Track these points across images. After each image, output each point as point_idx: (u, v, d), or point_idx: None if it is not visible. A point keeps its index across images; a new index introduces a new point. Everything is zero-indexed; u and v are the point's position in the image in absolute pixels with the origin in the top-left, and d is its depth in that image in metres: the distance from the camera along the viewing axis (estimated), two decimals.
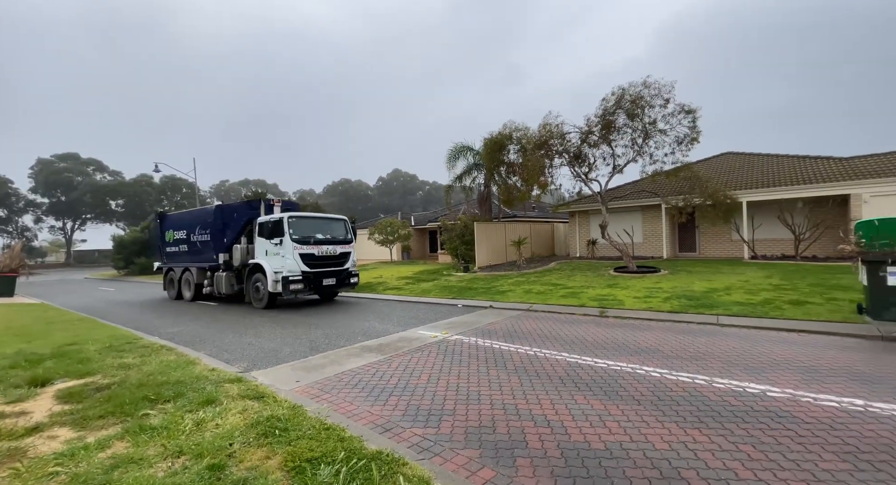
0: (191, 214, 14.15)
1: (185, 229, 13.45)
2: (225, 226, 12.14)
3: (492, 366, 5.16)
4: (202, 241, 12.76)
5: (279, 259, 10.58)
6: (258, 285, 11.08)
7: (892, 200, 12.80)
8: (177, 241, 13.85)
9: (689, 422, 3.41)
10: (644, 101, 13.65)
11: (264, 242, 10.99)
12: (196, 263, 13.12)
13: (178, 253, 13.89)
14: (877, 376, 4.33)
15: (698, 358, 5.17)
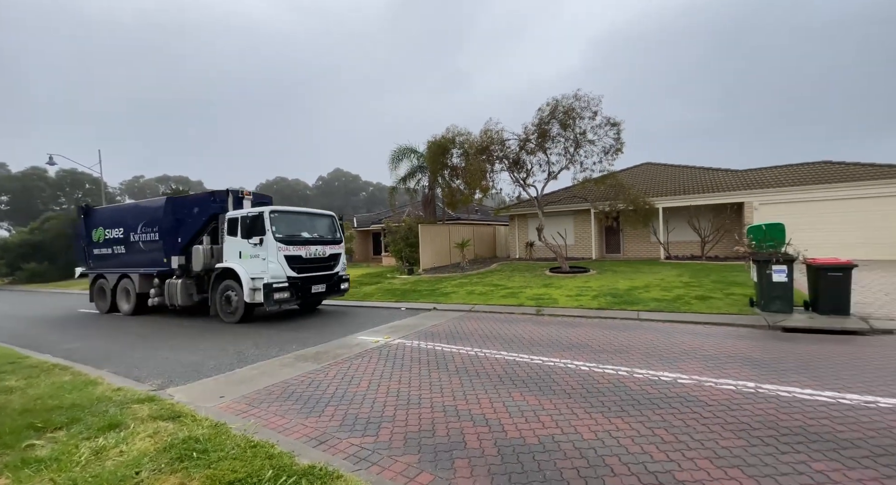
0: (131, 208, 11.80)
1: (121, 227, 11.14)
2: (179, 223, 10.09)
3: (433, 368, 5.16)
4: (147, 241, 10.59)
5: (258, 262, 8.73)
6: (229, 295, 9.13)
7: (778, 208, 14.97)
8: (110, 241, 11.44)
9: (613, 411, 3.68)
10: (575, 112, 14.60)
11: (238, 242, 9.05)
12: (138, 268, 10.78)
13: (111, 256, 11.48)
14: (765, 361, 5.00)
15: (622, 351, 5.61)
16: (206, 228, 10.01)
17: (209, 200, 9.94)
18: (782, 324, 6.45)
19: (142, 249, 10.75)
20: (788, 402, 3.73)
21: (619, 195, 16.42)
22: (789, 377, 4.33)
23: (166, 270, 10.22)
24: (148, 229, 10.60)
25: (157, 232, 10.37)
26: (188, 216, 10.10)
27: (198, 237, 10.03)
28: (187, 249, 10.01)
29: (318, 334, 7.59)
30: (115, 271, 11.41)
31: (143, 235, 10.73)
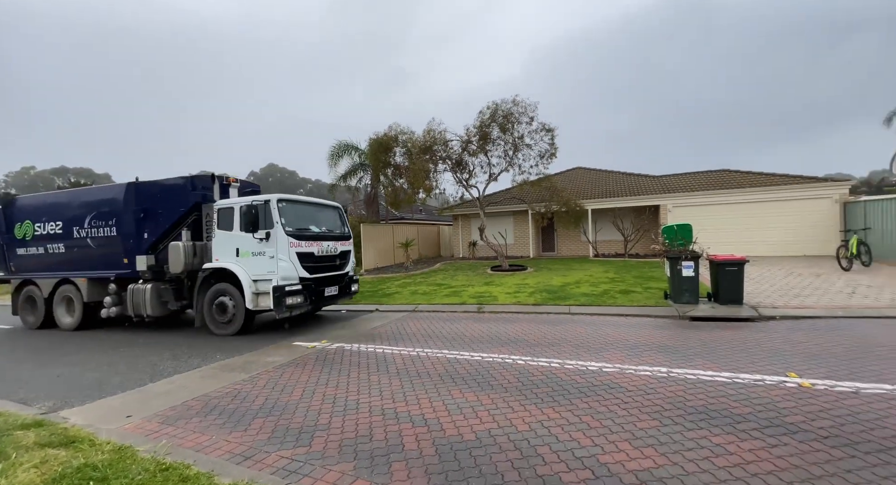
0: (73, 197, 9.32)
1: (58, 220, 9.04)
2: (146, 215, 8.26)
3: (373, 371, 5.04)
4: (99, 237, 8.63)
5: (264, 261, 7.23)
6: (223, 301, 7.51)
7: (689, 210, 16.76)
8: (42, 238, 9.22)
9: (546, 402, 3.86)
10: (514, 117, 15.16)
11: (234, 237, 7.47)
12: (86, 271, 8.81)
13: (44, 257, 9.27)
14: (676, 347, 5.56)
15: (555, 344, 5.92)
16: (184, 220, 8.26)
17: (187, 188, 8.16)
18: (690, 314, 7.23)
19: (91, 247, 8.72)
20: (694, 384, 4.17)
21: (553, 197, 17.35)
22: (695, 361, 4.85)
23: (127, 273, 8.38)
24: (100, 223, 8.60)
25: (115, 226, 8.45)
26: (159, 206, 8.25)
27: (172, 232, 8.29)
28: (157, 246, 8.32)
29: (249, 341, 7.06)
30: (50, 276, 9.13)
31: (92, 229, 8.65)
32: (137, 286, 8.24)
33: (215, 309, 7.61)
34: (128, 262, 8.36)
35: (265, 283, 7.18)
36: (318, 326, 8.02)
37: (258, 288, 7.23)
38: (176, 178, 8.37)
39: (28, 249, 9.47)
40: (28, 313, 9.60)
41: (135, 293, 8.21)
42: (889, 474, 2.47)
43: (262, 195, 7.74)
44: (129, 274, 8.39)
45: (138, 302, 8.16)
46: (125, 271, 8.42)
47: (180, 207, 8.20)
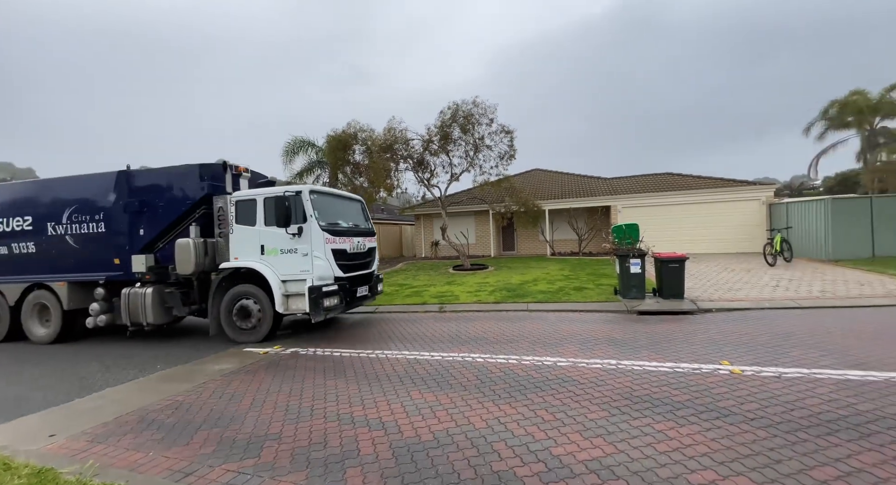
0: (47, 187, 7.97)
1: (27, 215, 7.78)
2: (143, 207, 7.25)
3: (330, 376, 4.90)
4: (82, 234, 7.50)
5: (295, 259, 6.56)
6: (246, 304, 6.75)
7: (637, 210, 17.77)
8: (4, 235, 7.91)
9: (503, 398, 3.93)
10: (474, 118, 15.34)
11: (258, 232, 6.73)
12: (65, 274, 7.60)
13: (6, 258, 7.92)
14: (624, 340, 5.87)
15: (513, 341, 6.05)
16: (191, 214, 7.23)
17: (195, 177, 7.18)
18: (637, 308, 7.66)
19: (71, 246, 7.57)
20: (640, 374, 4.42)
21: (513, 198, 17.76)
22: (641, 353, 5.14)
23: (119, 275, 7.35)
24: (82, 218, 7.49)
25: (103, 222, 7.39)
26: (159, 198, 7.27)
27: (175, 228, 7.29)
28: (155, 244, 7.33)
29: (194, 349, 6.63)
30: (17, 280, 7.85)
31: (73, 226, 7.52)
32: (135, 290, 7.16)
33: (236, 314, 6.81)
34: (120, 262, 7.31)
35: (297, 283, 6.53)
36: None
37: (288, 289, 6.57)
38: (181, 165, 7.36)
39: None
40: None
41: (132, 299, 7.11)
42: (805, 451, 2.74)
43: (291, 186, 7.05)
44: (121, 276, 7.33)
45: (136, 308, 7.08)
46: (116, 273, 7.34)
47: (187, 199, 7.18)
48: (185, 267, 6.89)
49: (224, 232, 7.07)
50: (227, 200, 7.08)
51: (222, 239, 7.09)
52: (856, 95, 21.22)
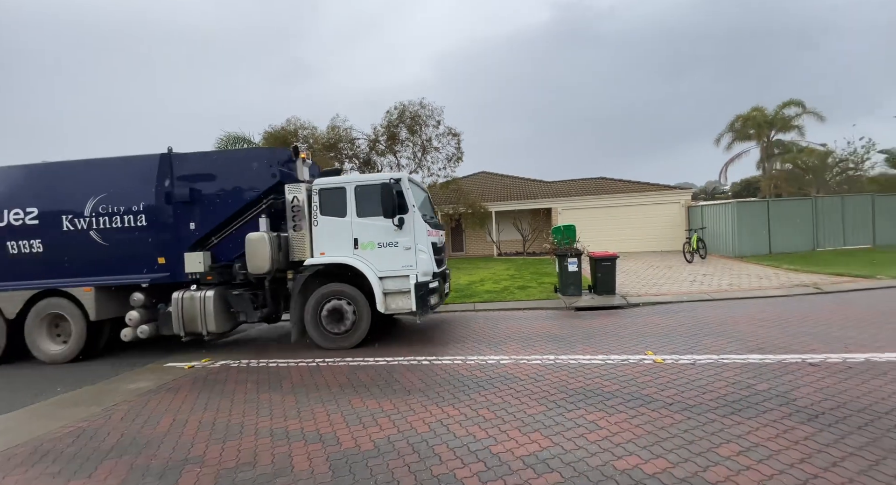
0: (55, 172, 6.59)
1: (31, 207, 6.31)
2: (195, 197, 6.22)
3: (264, 389, 4.60)
4: (114, 229, 6.23)
5: (396, 254, 5.97)
6: (340, 305, 6.03)
7: (574, 212, 18.80)
8: (1, 231, 6.35)
9: (447, 400, 3.93)
10: (421, 119, 15.37)
11: (353, 224, 6.04)
12: (92, 277, 6.26)
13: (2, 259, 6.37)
14: (562, 336, 6.15)
15: (459, 341, 6.10)
16: (256, 205, 6.35)
17: (265, 162, 6.34)
18: (575, 305, 8.09)
19: (97, 243, 6.27)
20: (576, 368, 4.65)
21: (460, 199, 18.00)
22: (577, 347, 5.42)
23: (164, 277, 6.29)
24: (114, 209, 6.24)
25: (143, 213, 6.23)
26: (216, 187, 6.30)
27: (234, 221, 6.37)
28: (208, 240, 6.37)
29: (108, 365, 5.91)
30: (17, 287, 6.34)
31: (100, 218, 6.23)
32: (191, 294, 6.13)
33: (326, 316, 6.07)
34: (165, 262, 6.27)
35: (397, 280, 5.96)
36: (198, 342, 7.04)
37: (386, 286, 5.98)
38: (243, 150, 6.42)
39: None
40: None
41: (187, 304, 6.08)
42: (713, 431, 3.03)
43: (386, 173, 6.34)
44: (166, 279, 6.30)
45: (194, 315, 6.06)
46: (161, 275, 6.29)
47: (253, 188, 6.28)
48: (259, 265, 5.97)
49: (298, 224, 6.20)
50: (303, 188, 6.23)
51: (296, 232, 6.21)
52: (755, 111, 24.20)
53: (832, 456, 2.59)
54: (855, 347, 4.70)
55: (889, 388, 3.55)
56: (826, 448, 2.68)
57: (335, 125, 14.81)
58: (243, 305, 6.26)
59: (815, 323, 5.82)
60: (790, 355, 4.54)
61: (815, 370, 4.07)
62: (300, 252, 6.19)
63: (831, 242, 14.30)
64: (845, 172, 26.81)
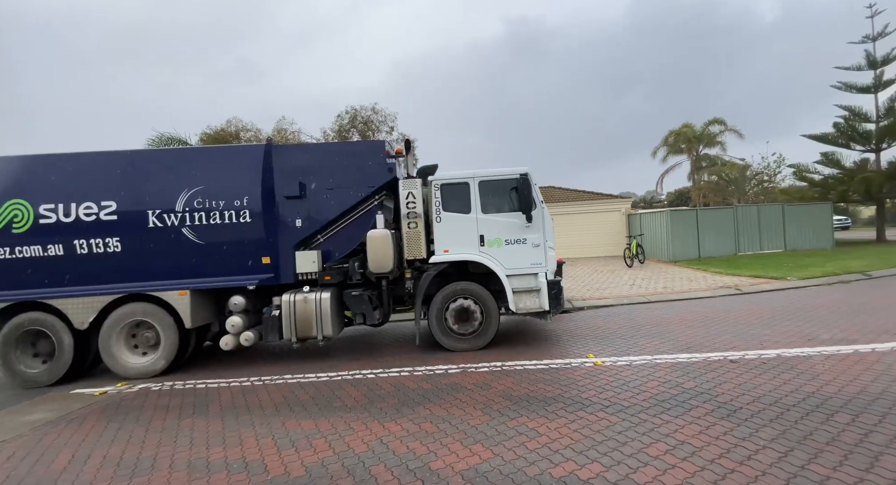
0: (141, 159, 6.07)
1: (107, 200, 5.52)
2: (303, 192, 5.75)
3: (187, 414, 4.17)
4: (213, 226, 5.60)
5: (524, 251, 5.73)
6: (467, 305, 5.72)
7: None
8: (62, 229, 5.47)
9: (389, 416, 3.77)
10: (374, 125, 15.15)
11: (479, 221, 5.78)
12: (182, 279, 5.59)
13: (68, 261, 5.48)
14: (512, 342, 6.19)
15: (407, 351, 5.94)
16: (368, 202, 5.93)
17: (381, 156, 5.92)
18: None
19: (191, 241, 5.57)
20: (521, 374, 4.69)
21: None
22: (525, 354, 5.48)
23: (269, 278, 5.71)
24: (212, 204, 5.59)
25: (247, 208, 5.63)
26: (327, 181, 5.82)
27: (344, 218, 5.89)
28: (314, 238, 5.84)
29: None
30: (91, 292, 5.47)
31: (194, 213, 5.56)
32: (304, 295, 5.58)
33: (452, 316, 5.77)
34: (270, 262, 5.70)
35: (526, 278, 5.74)
36: None
37: (514, 285, 5.72)
38: (354, 142, 6.05)
39: (16, 248, 5.41)
40: (22, 362, 5.49)
41: (300, 306, 5.54)
42: (645, 431, 3.14)
43: (507, 168, 5.95)
44: (271, 280, 5.72)
45: (309, 319, 5.53)
46: (266, 276, 5.71)
47: (367, 183, 5.86)
48: (382, 264, 5.64)
49: (413, 221, 5.87)
50: (418, 184, 5.94)
51: (410, 230, 5.89)
52: (686, 128, 26.47)
53: (747, 450, 2.76)
54: (769, 343, 5.15)
55: (796, 381, 3.90)
56: (742, 442, 2.86)
57: (282, 128, 14.22)
58: (363, 306, 5.80)
59: (736, 322, 6.34)
60: (714, 353, 4.87)
61: (735, 367, 4.40)
62: (414, 250, 5.89)
63: (750, 247, 15.82)
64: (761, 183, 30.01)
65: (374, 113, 15.29)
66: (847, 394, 3.53)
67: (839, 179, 18.75)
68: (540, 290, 5.71)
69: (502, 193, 5.90)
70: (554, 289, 5.77)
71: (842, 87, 18.76)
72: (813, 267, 11.00)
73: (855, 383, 3.76)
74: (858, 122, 18.50)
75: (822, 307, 6.98)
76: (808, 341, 5.11)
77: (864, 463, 2.52)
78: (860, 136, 18.49)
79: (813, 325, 5.85)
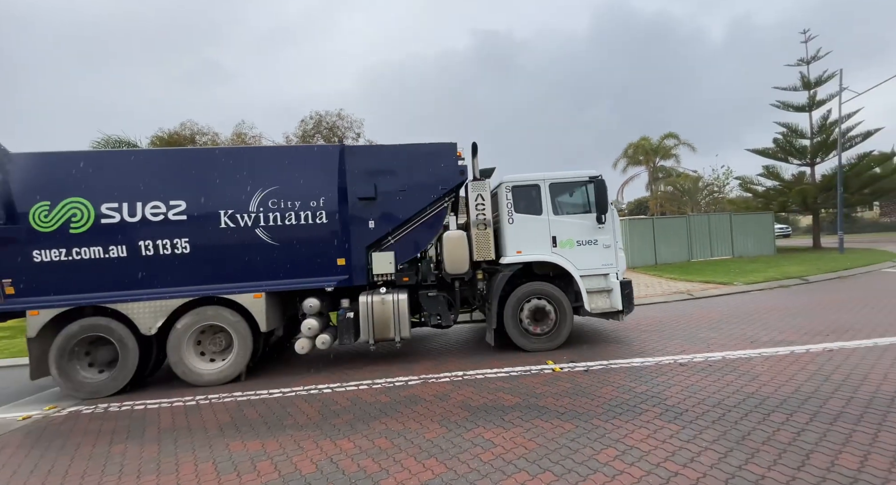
0: (214, 157, 5.89)
1: (176, 200, 5.30)
2: (376, 194, 5.70)
3: (120, 439, 3.84)
4: (289, 227, 5.47)
5: (596, 252, 5.88)
6: (541, 305, 5.80)
7: None
8: (126, 229, 5.19)
9: (343, 432, 3.63)
10: (340, 130, 14.91)
11: (551, 222, 5.90)
12: (256, 282, 5.43)
13: (133, 262, 5.21)
14: (475, 350, 6.16)
15: (366, 366, 5.78)
16: (439, 203, 5.89)
17: (453, 158, 5.85)
18: None
19: (265, 242, 5.44)
20: (481, 382, 4.66)
21: None
22: (486, 361, 5.44)
23: (344, 279, 5.65)
24: (288, 204, 5.49)
25: (323, 209, 5.56)
26: (399, 183, 5.76)
27: (413, 220, 5.82)
28: (384, 240, 5.79)
29: None
30: (159, 295, 5.26)
31: (269, 214, 5.45)
32: (381, 297, 5.57)
33: (528, 317, 5.80)
34: (345, 263, 5.61)
35: (597, 279, 5.88)
36: (45, 386, 5.74)
37: (598, 284, 5.87)
38: (431, 143, 5.90)
39: (74, 249, 5.10)
40: (78, 370, 5.21)
41: (378, 308, 5.53)
42: (597, 437, 3.18)
43: (578, 171, 6.06)
44: (345, 282, 5.63)
45: (387, 320, 5.53)
46: (342, 278, 5.63)
47: (439, 185, 5.82)
48: (459, 266, 5.76)
49: (481, 223, 5.89)
50: (486, 185, 5.99)
51: (479, 231, 5.90)
52: (643, 141, 27.86)
53: (691, 452, 2.84)
54: (715, 346, 5.41)
55: (738, 383, 4.09)
56: (686, 444, 2.95)
57: (241, 132, 13.69)
58: (439, 307, 5.88)
59: (686, 326, 6.63)
60: (665, 357, 5.06)
61: (684, 370, 4.57)
62: (483, 252, 5.89)
63: (702, 254, 16.74)
64: (712, 194, 31.98)
65: (339, 119, 15.09)
66: (783, 394, 3.74)
67: (779, 191, 20.27)
68: (612, 290, 5.83)
69: (572, 195, 6.17)
70: (626, 289, 5.84)
71: (780, 106, 20.39)
72: (756, 273, 11.76)
73: (790, 383, 4.00)
74: (795, 138, 20.14)
75: (764, 311, 7.44)
76: (751, 344, 5.40)
77: (796, 461, 2.66)
78: (797, 151, 20.12)
79: (755, 328, 6.20)
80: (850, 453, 2.71)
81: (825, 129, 19.18)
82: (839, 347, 4.99)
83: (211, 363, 5.46)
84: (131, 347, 5.17)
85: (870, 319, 6.25)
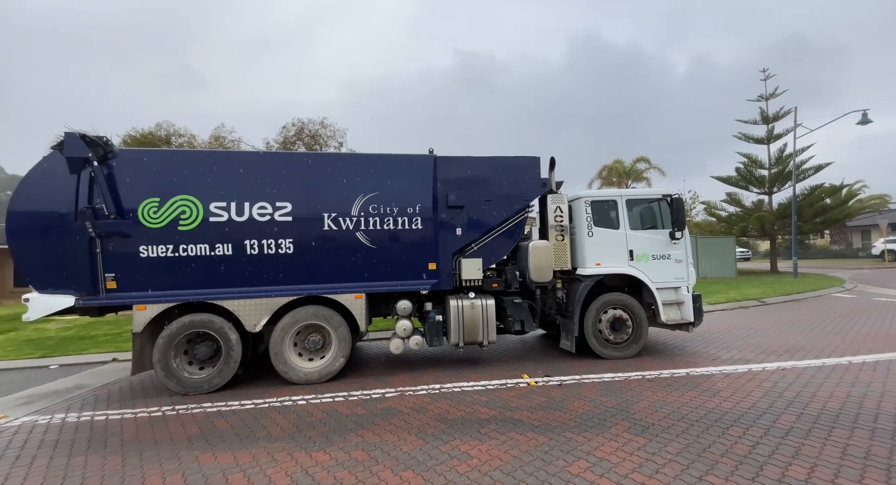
0: (311, 164, 5.84)
1: (282, 202, 5.42)
2: (464, 203, 5.88)
3: (80, 451, 3.65)
4: (388, 231, 5.68)
5: (669, 266, 6.16)
6: (619, 315, 6.08)
7: None
8: (237, 227, 5.26)
9: (318, 444, 3.59)
10: (322, 139, 14.87)
11: (629, 236, 6.18)
12: (356, 283, 5.60)
13: (236, 261, 5.27)
14: (452, 363, 6.22)
15: (343, 377, 5.72)
16: (520, 214, 6.14)
17: (536, 171, 6.18)
18: None
19: (363, 245, 5.62)
20: (458, 395, 4.71)
21: None
22: (463, 374, 5.51)
23: (434, 283, 5.81)
24: (386, 209, 5.70)
25: (419, 216, 5.77)
26: (487, 193, 5.99)
27: (496, 229, 6.03)
28: (468, 247, 5.97)
29: None
30: (270, 293, 5.36)
31: (370, 218, 5.64)
32: (471, 301, 5.79)
33: (607, 326, 6.08)
34: (436, 268, 5.81)
35: (668, 291, 6.15)
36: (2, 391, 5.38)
37: (674, 296, 6.15)
38: (510, 157, 6.14)
39: (181, 246, 5.14)
40: (180, 366, 5.20)
41: (468, 312, 5.74)
42: (569, 449, 3.30)
43: (653, 188, 5.74)
44: (436, 286, 5.85)
45: (476, 324, 5.73)
46: (433, 281, 5.85)
47: (523, 197, 6.12)
48: (544, 274, 5.94)
49: (560, 234, 6.18)
50: (565, 199, 6.27)
51: (558, 242, 6.19)
52: (616, 163, 29.03)
53: (656, 464, 3.00)
54: (680, 363, 5.68)
55: (700, 398, 4.33)
56: (652, 457, 3.10)
57: (220, 135, 13.41)
58: (523, 313, 6.08)
59: (654, 343, 6.91)
60: (633, 373, 5.27)
61: (651, 385, 4.79)
62: (561, 261, 6.14)
63: None
64: None
65: (322, 127, 15.05)
66: (740, 409, 3.98)
67: (740, 217, 21.52)
68: (683, 303, 6.13)
69: (647, 211, 6.40)
70: (697, 302, 6.15)
71: (741, 138, 21.83)
72: (718, 294, 12.39)
73: (747, 399, 4.26)
74: (755, 168, 21.53)
75: (725, 330, 7.86)
76: (712, 361, 5.71)
77: (750, 473, 2.85)
78: (756, 180, 21.49)
79: (717, 346, 6.55)
80: (799, 465, 2.93)
81: (782, 160, 20.63)
82: (791, 366, 5.35)
83: (310, 362, 5.59)
84: (235, 345, 5.24)
85: (819, 341, 6.72)
